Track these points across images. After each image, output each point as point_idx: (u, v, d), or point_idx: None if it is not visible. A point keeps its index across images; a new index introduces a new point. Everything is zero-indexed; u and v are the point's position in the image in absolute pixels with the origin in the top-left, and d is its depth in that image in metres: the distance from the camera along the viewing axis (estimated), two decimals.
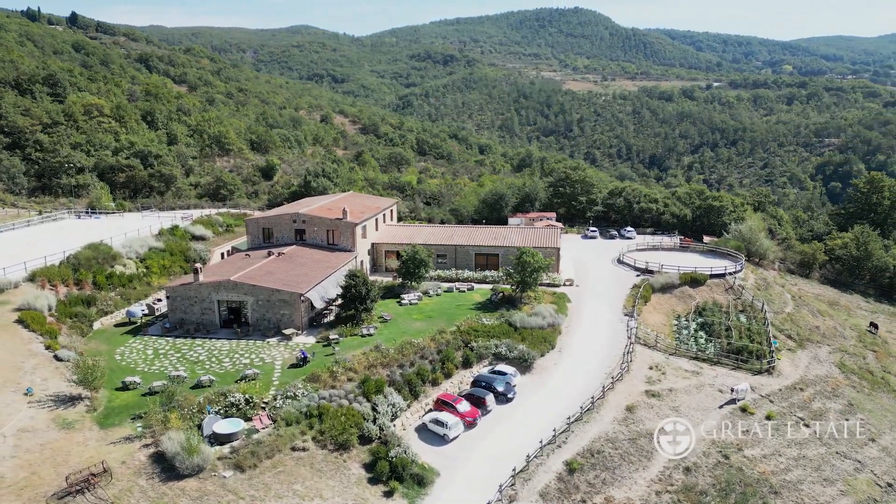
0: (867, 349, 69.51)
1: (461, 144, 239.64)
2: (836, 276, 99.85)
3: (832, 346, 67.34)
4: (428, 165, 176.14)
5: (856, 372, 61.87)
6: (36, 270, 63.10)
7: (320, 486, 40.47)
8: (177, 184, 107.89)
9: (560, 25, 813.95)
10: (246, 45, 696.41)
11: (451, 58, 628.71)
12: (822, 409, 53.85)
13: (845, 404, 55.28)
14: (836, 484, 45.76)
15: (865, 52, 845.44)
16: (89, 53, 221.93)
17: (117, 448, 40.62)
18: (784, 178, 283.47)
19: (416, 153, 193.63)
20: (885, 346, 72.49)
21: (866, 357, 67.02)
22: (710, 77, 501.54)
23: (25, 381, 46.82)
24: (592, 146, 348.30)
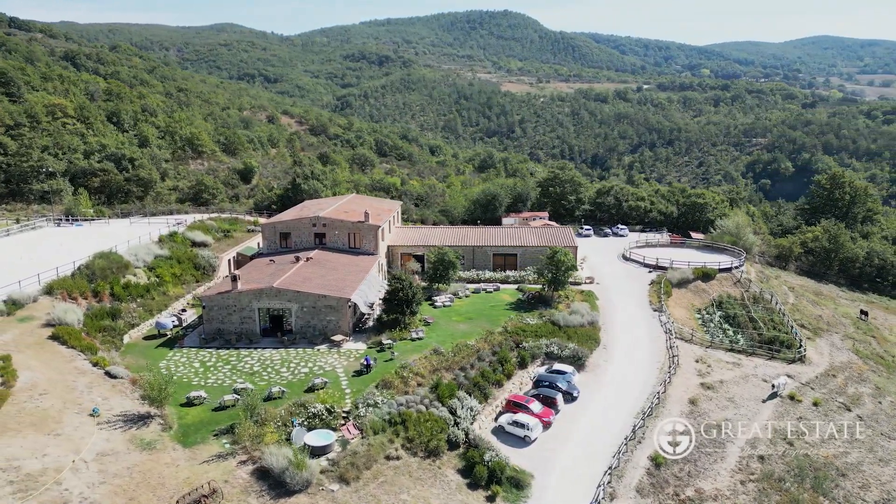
0: (867, 335, 74.20)
1: (412, 145, 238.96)
2: (809, 268, 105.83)
3: (839, 333, 71.54)
4: (393, 167, 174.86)
5: (871, 357, 66.06)
6: (53, 282, 58.87)
7: (426, 495, 39.79)
8: (156, 188, 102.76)
9: (491, 28, 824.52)
10: (168, 42, 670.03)
11: (386, 58, 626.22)
12: (857, 393, 57.19)
13: (873, 388, 58.92)
14: (891, 464, 48.73)
15: (773, 57, 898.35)
16: (10, 51, 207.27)
17: (212, 467, 38.58)
18: (719, 175, 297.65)
19: (377, 154, 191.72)
20: (878, 331, 77.53)
21: (871, 343, 71.58)
22: (638, 79, 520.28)
23: (85, 401, 43.69)
24: (536, 146, 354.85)
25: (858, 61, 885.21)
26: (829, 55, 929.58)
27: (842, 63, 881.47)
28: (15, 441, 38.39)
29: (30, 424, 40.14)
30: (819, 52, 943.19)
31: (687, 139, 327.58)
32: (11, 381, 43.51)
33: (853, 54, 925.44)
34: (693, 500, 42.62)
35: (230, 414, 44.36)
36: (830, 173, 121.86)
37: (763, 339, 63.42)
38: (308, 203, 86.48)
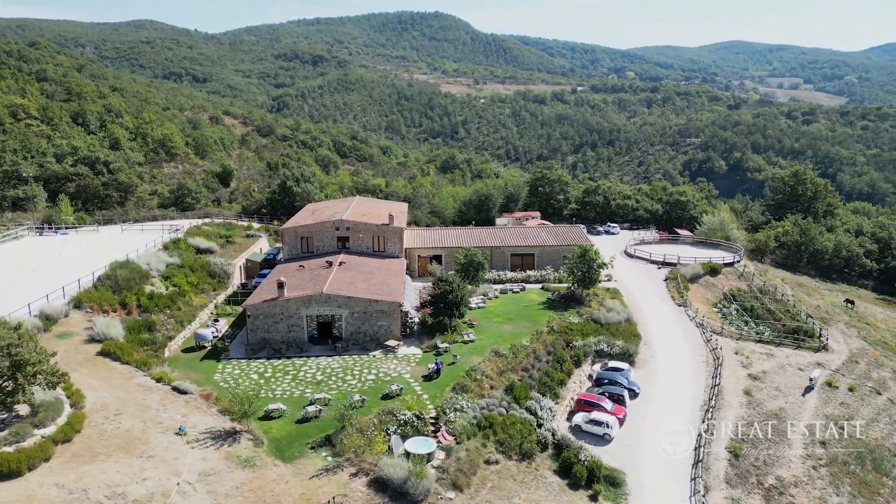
0: (861, 322, 79.14)
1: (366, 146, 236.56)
2: (783, 261, 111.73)
3: (841, 322, 75.99)
4: (359, 168, 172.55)
5: (878, 343, 70.53)
6: (80, 295, 55.10)
7: (535, 498, 39.73)
8: (136, 193, 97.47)
9: (422, 29, 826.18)
10: (84, 39, 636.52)
11: (320, 58, 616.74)
12: (881, 377, 60.97)
13: (892, 372, 62.96)
14: None
15: (691, 61, 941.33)
16: None
17: (323, 482, 37.20)
18: (659, 174, 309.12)
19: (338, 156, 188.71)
20: (866, 319, 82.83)
21: (869, 330, 76.41)
22: (571, 81, 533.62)
23: (164, 419, 41.19)
24: (480, 147, 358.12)
25: (767, 65, 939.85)
26: (740, 59, 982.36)
27: (753, 67, 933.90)
28: (109, 466, 35.84)
29: (117, 447, 37.55)
30: (732, 56, 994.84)
31: (626, 139, 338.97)
32: (81, 402, 40.53)
33: (763, 58, 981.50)
34: (777, 489, 44.38)
35: (317, 425, 42.87)
36: (793, 171, 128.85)
37: (787, 330, 66.60)
38: (314, 206, 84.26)
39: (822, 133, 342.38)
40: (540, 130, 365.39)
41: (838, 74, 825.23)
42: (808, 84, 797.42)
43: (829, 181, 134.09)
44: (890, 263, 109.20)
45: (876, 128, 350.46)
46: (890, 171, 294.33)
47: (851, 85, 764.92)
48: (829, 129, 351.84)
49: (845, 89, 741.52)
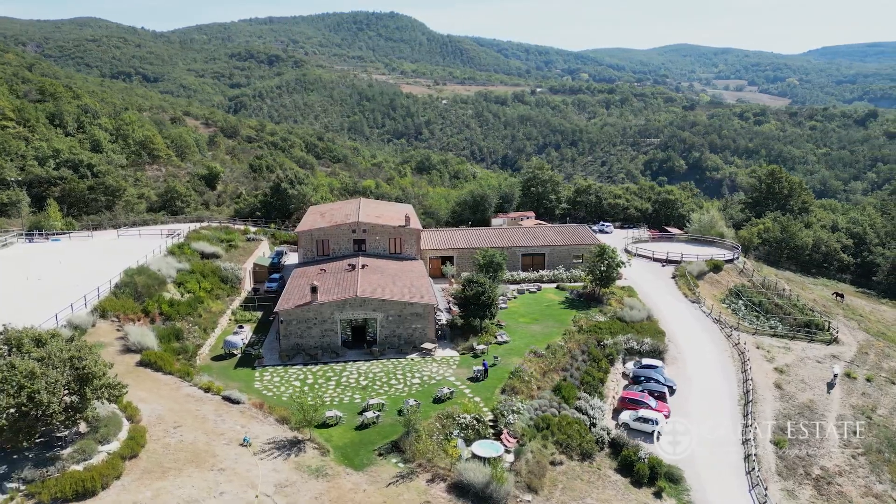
0: (855, 315, 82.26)
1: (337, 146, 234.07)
2: (765, 257, 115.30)
3: (839, 314, 78.84)
4: (336, 169, 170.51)
5: (878, 335, 73.45)
6: (104, 303, 52.81)
7: (606, 498, 39.99)
8: (124, 196, 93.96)
9: (378, 29, 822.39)
10: (24, 37, 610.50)
11: (276, 58, 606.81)
12: (891, 367, 63.55)
13: None
14: None
15: (641, 63, 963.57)
16: None
17: (401, 489, 36.62)
18: (621, 174, 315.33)
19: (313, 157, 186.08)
20: (857, 311, 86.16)
21: (865, 322, 79.49)
22: (530, 83, 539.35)
23: (224, 430, 39.90)
24: (445, 148, 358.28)
25: (714, 67, 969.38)
26: (688, 62, 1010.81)
27: (700, 69, 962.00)
28: (183, 481, 34.47)
29: (186, 461, 36.14)
30: (680, 59, 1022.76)
31: (589, 140, 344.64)
32: (136, 416, 38.86)
33: (708, 61, 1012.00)
34: (824, 479, 45.76)
35: (377, 431, 42.16)
36: (769, 169, 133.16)
37: (799, 324, 68.76)
38: (321, 209, 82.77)
39: (773, 133, 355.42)
40: (504, 131, 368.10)
41: (780, 77, 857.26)
42: (752, 86, 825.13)
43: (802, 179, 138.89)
44: (867, 258, 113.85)
45: (824, 128, 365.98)
46: (839, 170, 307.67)
47: (793, 87, 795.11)
48: (779, 129, 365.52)
49: (788, 91, 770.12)
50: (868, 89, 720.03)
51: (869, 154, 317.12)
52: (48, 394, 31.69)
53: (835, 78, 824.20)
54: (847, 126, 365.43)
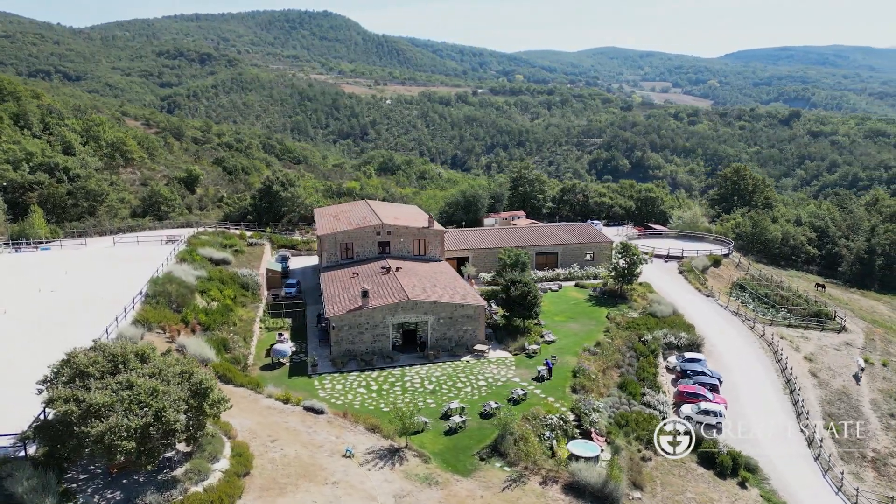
0: (842, 304, 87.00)
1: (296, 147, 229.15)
2: (737, 251, 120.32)
3: (831, 304, 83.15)
4: (301, 170, 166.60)
5: (873, 322, 77.89)
6: (145, 314, 49.73)
7: (700, 490, 40.84)
8: (107, 201, 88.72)
9: (312, 28, 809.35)
10: None
11: (207, 57, 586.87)
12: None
13: None
14: None
15: (572, 65, 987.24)
16: None
17: (516, 493, 36.29)
18: (569, 173, 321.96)
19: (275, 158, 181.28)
20: (842, 300, 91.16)
21: (853, 310, 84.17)
22: (471, 84, 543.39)
23: (322, 442, 38.45)
24: (392, 148, 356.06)
25: (640, 70, 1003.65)
26: (615, 64, 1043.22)
27: (627, 71, 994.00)
28: (303, 497, 33.02)
29: (298, 476, 34.59)
30: (608, 61, 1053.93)
31: (535, 140, 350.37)
32: (231, 431, 36.88)
33: (634, 64, 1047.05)
34: (879, 461, 48.25)
35: (467, 434, 41.61)
36: (735, 167, 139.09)
37: (808, 314, 72.12)
38: (331, 211, 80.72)
39: (707, 133, 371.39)
40: (451, 132, 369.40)
41: (702, 79, 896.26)
42: (676, 87, 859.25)
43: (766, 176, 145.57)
44: (832, 250, 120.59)
45: (752, 127, 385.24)
46: (771, 167, 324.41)
47: (714, 88, 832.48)
48: (712, 129, 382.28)
49: (709, 92, 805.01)
50: (782, 90, 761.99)
51: (796, 152, 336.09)
52: (174, 411, 29.62)
53: (751, 80, 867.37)
54: (773, 126, 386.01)
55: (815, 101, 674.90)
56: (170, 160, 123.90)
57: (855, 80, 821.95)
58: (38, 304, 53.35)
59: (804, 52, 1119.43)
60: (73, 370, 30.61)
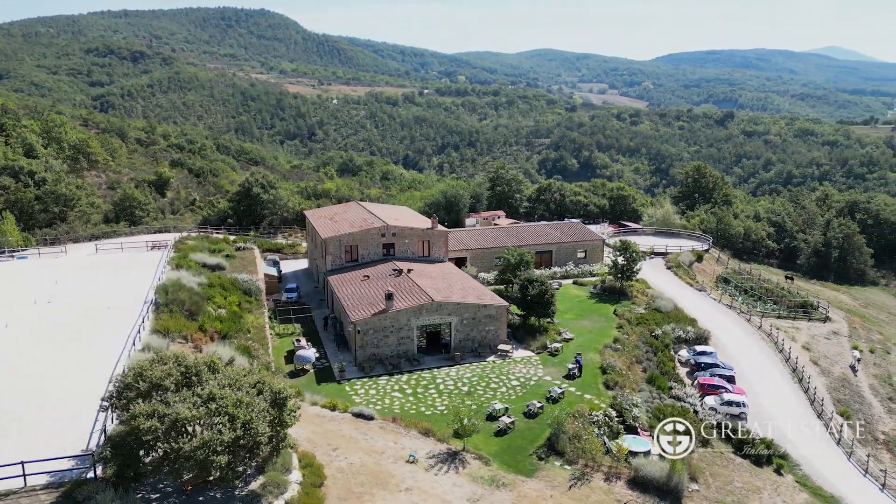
0: (812, 295, 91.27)
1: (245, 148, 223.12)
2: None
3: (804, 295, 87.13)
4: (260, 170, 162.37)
5: (848, 311, 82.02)
6: (164, 323, 47.42)
7: (745, 479, 42.13)
8: (79, 206, 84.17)
9: (249, 27, 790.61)
10: None
11: (140, 55, 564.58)
12: (879, 339, 71.41)
13: (880, 335, 73.91)
14: None
15: (512, 66, 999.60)
16: None
17: (584, 490, 36.56)
18: (520, 173, 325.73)
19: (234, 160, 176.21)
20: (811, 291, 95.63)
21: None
22: (416, 84, 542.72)
23: (382, 448, 37.65)
24: (342, 148, 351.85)
25: (577, 71, 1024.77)
26: (553, 65, 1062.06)
27: (565, 73, 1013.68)
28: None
29: (371, 484, 33.80)
30: (546, 63, 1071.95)
31: (486, 140, 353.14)
32: (292, 440, 35.52)
33: (572, 65, 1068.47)
34: (891, 442, 50.93)
35: (519, 435, 41.64)
36: (695, 165, 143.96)
37: (794, 305, 75.37)
38: (325, 213, 79.06)
39: (650, 133, 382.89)
40: (401, 132, 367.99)
41: (636, 81, 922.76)
42: (613, 89, 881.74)
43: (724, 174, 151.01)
44: (790, 244, 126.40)
45: (691, 127, 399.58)
46: (711, 166, 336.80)
47: (649, 90, 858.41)
48: (654, 129, 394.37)
49: (644, 94, 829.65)
50: (712, 92, 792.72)
51: (733, 151, 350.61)
52: (262, 422, 28.38)
53: (682, 82, 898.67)
54: (710, 126, 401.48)
55: (742, 102, 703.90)
56: (129, 162, 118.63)
57: (777, 82, 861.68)
58: (38, 316, 50.06)
59: (729, 55, 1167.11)
60: (148, 383, 28.88)
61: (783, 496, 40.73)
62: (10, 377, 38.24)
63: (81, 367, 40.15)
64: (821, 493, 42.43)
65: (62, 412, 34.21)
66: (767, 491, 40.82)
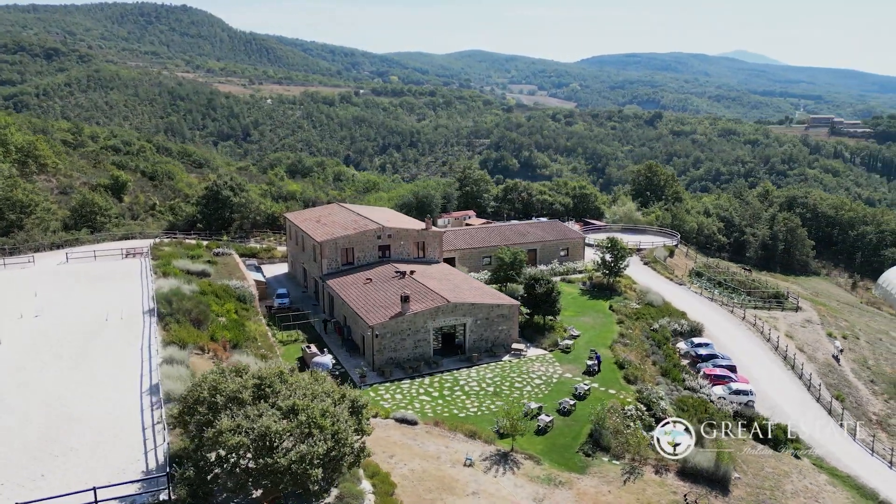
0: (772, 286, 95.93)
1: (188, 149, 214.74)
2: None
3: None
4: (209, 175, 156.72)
5: (810, 300, 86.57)
6: (178, 334, 45.03)
7: (773, 464, 43.83)
8: (37, 212, 78.65)
9: (170, 23, 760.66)
10: None
11: (55, 52, 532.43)
12: (846, 325, 75.72)
13: (846, 321, 78.40)
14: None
15: (443, 67, 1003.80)
16: None
17: (639, 484, 37.26)
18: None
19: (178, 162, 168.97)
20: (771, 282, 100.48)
21: None
22: (350, 84, 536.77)
23: (437, 453, 37.01)
24: (280, 149, 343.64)
25: (507, 73, 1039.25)
26: (483, 67, 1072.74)
27: (495, 74, 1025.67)
28: None
29: (438, 490, 33.33)
30: (476, 64, 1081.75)
31: (427, 140, 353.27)
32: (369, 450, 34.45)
33: (501, 67, 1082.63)
34: (882, 421, 54.11)
35: (559, 433, 41.82)
36: (647, 164, 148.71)
37: (767, 296, 78.96)
38: (304, 215, 76.96)
39: (584, 133, 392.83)
40: (340, 132, 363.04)
41: (564, 82, 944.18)
42: (542, 90, 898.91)
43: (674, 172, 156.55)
44: (739, 238, 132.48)
45: (623, 127, 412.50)
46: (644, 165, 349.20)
47: (576, 91, 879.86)
48: (588, 129, 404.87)
49: (572, 95, 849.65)
50: (636, 94, 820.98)
51: (664, 150, 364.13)
52: (350, 432, 27.38)
53: (607, 84, 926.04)
54: (640, 126, 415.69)
55: (664, 103, 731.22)
56: (78, 165, 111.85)
57: (694, 84, 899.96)
58: (31, 331, 46.49)
59: (649, 58, 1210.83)
60: (225, 398, 27.31)
61: (808, 478, 42.63)
62: (34, 399, 35.34)
63: (105, 384, 37.61)
64: (837, 473, 44.63)
65: (105, 434, 31.98)
66: (794, 475, 42.59)
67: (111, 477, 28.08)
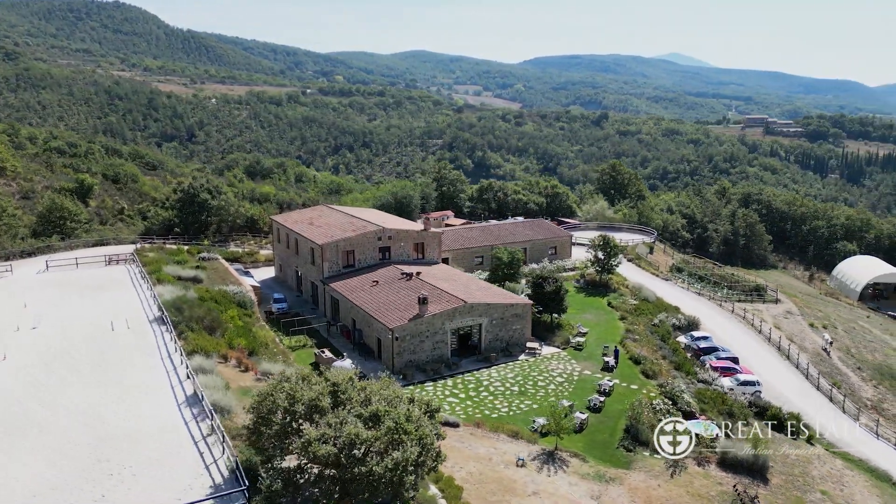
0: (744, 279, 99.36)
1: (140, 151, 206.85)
2: None
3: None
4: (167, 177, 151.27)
5: (785, 292, 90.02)
6: (196, 343, 43.22)
7: (798, 453, 45.05)
8: (4, 219, 74.12)
9: (102, 20, 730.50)
10: None
11: None
12: (822, 316, 79.06)
13: (820, 310, 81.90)
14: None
15: (387, 67, 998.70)
16: None
17: (684, 477, 38.18)
18: (417, 173, 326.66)
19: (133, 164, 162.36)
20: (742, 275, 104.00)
21: None
22: (296, 84, 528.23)
23: (488, 455, 36.79)
24: (227, 151, 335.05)
25: (452, 74, 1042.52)
26: (428, 67, 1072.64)
27: (440, 75, 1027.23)
28: None
29: (502, 492, 33.14)
30: (421, 65, 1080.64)
31: (380, 141, 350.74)
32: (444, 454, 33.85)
33: (446, 67, 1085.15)
34: (877, 406, 56.74)
35: (595, 429, 42.18)
36: (611, 163, 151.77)
37: (748, 289, 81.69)
38: (293, 217, 75.14)
39: (535, 133, 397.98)
40: (290, 133, 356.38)
41: (508, 83, 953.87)
42: (487, 91, 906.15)
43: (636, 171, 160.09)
44: (702, 234, 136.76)
45: (571, 128, 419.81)
46: (594, 164, 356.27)
47: (521, 92, 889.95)
48: (538, 129, 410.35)
49: (517, 96, 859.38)
50: (578, 95, 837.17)
51: (611, 150, 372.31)
52: (433, 437, 26.83)
53: (550, 85, 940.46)
54: (587, 126, 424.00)
55: (606, 104, 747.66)
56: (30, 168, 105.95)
57: (633, 85, 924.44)
58: (33, 344, 43.68)
59: (590, 60, 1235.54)
60: (305, 406, 26.30)
61: (828, 464, 44.28)
62: (67, 417, 33.18)
63: (138, 398, 35.67)
64: (849, 457, 46.54)
65: (157, 450, 30.40)
66: (815, 461, 44.15)
67: (179, 494, 26.66)
